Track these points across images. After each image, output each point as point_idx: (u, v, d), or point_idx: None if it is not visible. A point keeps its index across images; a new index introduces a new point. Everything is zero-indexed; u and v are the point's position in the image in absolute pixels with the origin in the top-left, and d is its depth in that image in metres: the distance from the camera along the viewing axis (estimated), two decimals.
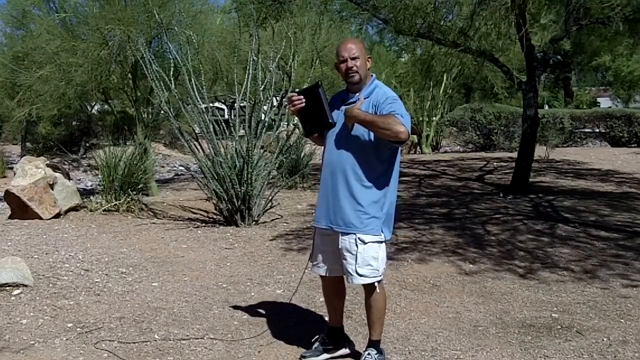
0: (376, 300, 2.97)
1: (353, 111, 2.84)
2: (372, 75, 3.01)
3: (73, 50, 9.07)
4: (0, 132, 19.46)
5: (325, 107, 2.91)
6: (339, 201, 2.91)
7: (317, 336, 3.27)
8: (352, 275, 2.92)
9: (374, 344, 3.04)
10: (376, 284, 2.94)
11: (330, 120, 2.91)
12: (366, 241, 2.89)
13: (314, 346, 3.22)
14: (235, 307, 4.00)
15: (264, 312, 3.91)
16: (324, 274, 3.11)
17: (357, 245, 2.88)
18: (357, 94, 2.96)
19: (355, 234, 2.88)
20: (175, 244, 5.91)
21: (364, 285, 2.96)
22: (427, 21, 8.01)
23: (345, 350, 3.21)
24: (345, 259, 2.92)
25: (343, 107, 2.97)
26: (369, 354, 3.01)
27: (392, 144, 2.86)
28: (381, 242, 2.95)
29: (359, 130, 2.88)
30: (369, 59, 2.98)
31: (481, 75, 13.63)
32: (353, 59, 2.89)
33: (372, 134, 2.86)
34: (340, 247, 2.93)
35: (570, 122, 17.23)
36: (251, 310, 3.96)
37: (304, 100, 2.95)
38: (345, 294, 3.29)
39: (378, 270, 2.93)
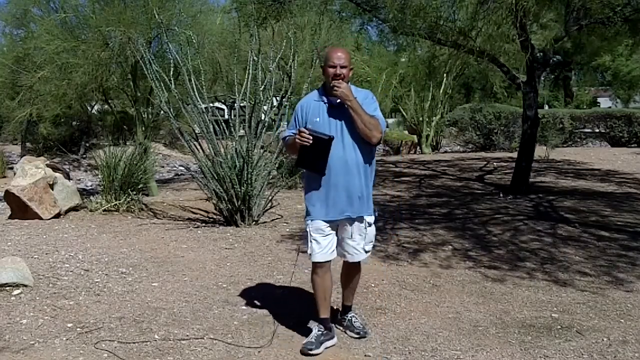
0: (359, 271, 3.52)
1: (350, 95, 3.15)
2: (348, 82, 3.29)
3: (73, 50, 9.08)
4: (1, 132, 19.46)
5: (325, 158, 3.18)
6: (356, 191, 3.23)
7: (314, 327, 3.38)
8: (358, 252, 3.34)
9: (351, 308, 3.60)
10: None
11: (321, 173, 3.21)
12: (371, 222, 3.33)
13: (313, 337, 3.30)
14: (235, 307, 4.00)
15: (264, 312, 3.91)
16: (329, 259, 3.32)
17: (366, 228, 3.32)
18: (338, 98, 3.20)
19: (363, 217, 3.30)
20: (175, 244, 5.91)
21: (363, 259, 3.40)
22: (427, 22, 8.01)
23: (332, 332, 3.42)
24: (354, 240, 3.32)
25: (333, 110, 3.22)
26: (353, 316, 3.55)
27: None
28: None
29: (351, 131, 3.20)
30: (351, 70, 3.28)
31: (482, 75, 13.64)
32: (342, 67, 3.19)
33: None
34: (350, 231, 3.31)
35: (570, 122, 17.24)
36: (251, 310, 3.96)
37: (311, 141, 3.13)
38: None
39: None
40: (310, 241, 3.32)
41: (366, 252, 3.38)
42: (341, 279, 3.61)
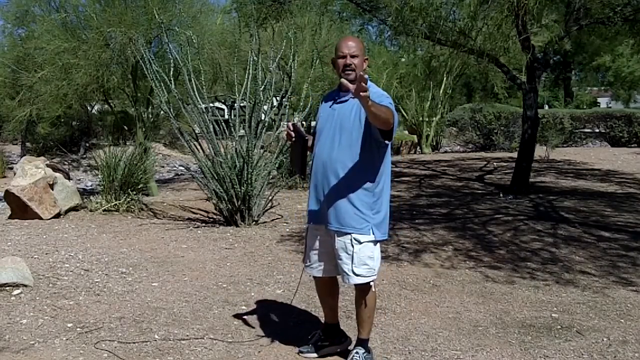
0: (369, 299, 2.99)
1: (365, 92, 2.49)
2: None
3: (74, 51, 9.09)
4: (1, 132, 19.44)
5: (304, 159, 3.13)
6: (333, 201, 2.91)
7: (314, 332, 3.33)
8: (348, 275, 2.93)
9: (362, 342, 3.06)
10: (371, 283, 2.96)
11: (301, 174, 3.18)
12: (362, 241, 2.89)
13: (310, 342, 3.26)
14: (235, 307, 4.00)
15: (264, 312, 3.91)
16: (318, 275, 3.13)
17: (352, 246, 2.89)
18: (350, 92, 2.77)
19: (350, 234, 2.89)
20: (175, 244, 5.91)
21: (357, 284, 2.96)
22: (427, 21, 8.00)
23: (340, 346, 3.25)
24: (341, 259, 2.93)
25: (335, 106, 2.98)
26: (356, 352, 3.02)
27: (379, 135, 2.81)
28: (376, 241, 2.96)
29: (350, 130, 2.88)
30: (366, 60, 2.99)
31: (483, 76, 13.64)
32: (352, 56, 2.89)
33: (362, 135, 2.85)
34: (335, 247, 2.94)
35: (570, 122, 17.24)
36: (251, 310, 3.96)
37: (294, 136, 3.09)
38: (339, 292, 3.31)
39: (374, 270, 2.96)
40: (304, 250, 3.18)
41: (356, 275, 2.90)
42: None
